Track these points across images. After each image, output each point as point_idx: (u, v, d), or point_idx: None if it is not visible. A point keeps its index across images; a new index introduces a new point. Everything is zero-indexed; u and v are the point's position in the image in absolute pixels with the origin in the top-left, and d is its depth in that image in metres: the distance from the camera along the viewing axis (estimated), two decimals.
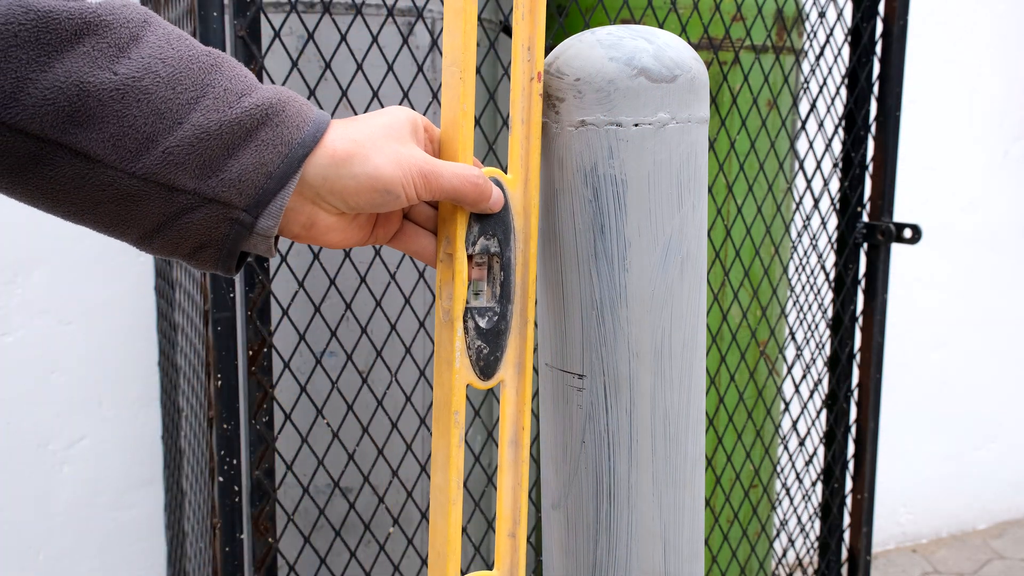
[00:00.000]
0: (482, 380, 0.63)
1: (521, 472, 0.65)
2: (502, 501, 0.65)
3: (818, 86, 1.53)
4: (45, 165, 0.53)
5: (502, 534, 0.65)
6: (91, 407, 1.94)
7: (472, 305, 0.62)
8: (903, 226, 1.53)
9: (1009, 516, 2.99)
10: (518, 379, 0.65)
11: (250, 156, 0.56)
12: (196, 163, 0.55)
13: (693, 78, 0.63)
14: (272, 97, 0.57)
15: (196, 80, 0.55)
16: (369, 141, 0.58)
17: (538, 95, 0.63)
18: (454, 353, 0.62)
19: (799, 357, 1.60)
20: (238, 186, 0.56)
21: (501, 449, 0.65)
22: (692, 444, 0.67)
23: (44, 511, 1.92)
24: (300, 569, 1.30)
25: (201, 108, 0.54)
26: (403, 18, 1.27)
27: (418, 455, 1.34)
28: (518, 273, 0.64)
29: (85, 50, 0.52)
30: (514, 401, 0.65)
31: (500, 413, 0.65)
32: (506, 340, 0.64)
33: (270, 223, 0.57)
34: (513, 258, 0.63)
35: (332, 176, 0.58)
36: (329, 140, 0.58)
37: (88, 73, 0.52)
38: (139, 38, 0.54)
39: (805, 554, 1.72)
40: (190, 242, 0.57)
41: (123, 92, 0.52)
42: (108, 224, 0.56)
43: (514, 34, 0.62)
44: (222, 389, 1.11)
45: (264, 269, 1.11)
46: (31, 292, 1.86)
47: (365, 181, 0.58)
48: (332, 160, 0.57)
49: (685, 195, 0.64)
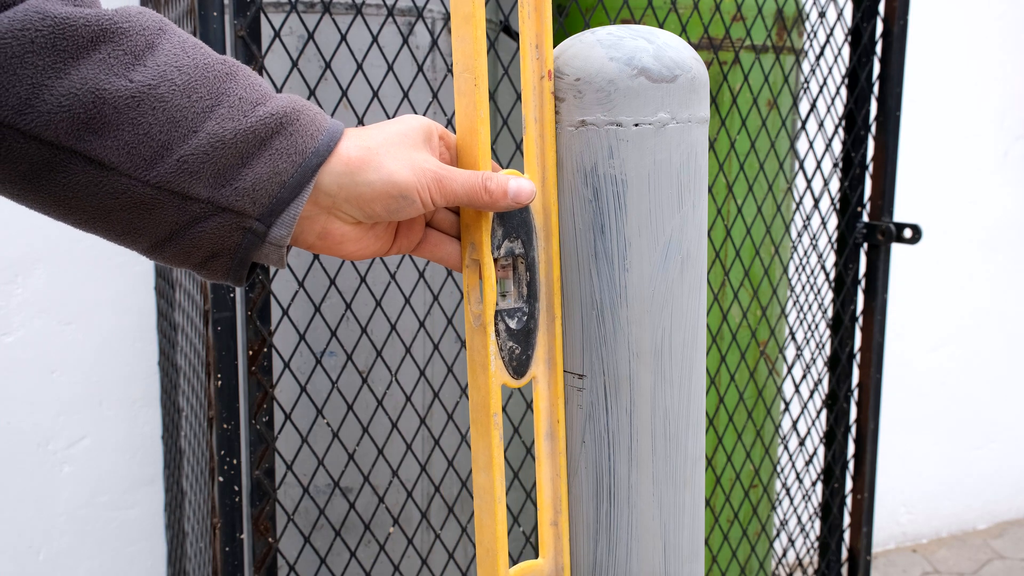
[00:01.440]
0: (515, 379, 0.64)
1: (559, 463, 0.66)
2: (542, 492, 0.66)
3: (818, 86, 1.53)
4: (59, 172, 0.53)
5: (544, 523, 0.67)
6: (91, 407, 1.94)
7: (501, 307, 0.63)
8: (903, 226, 1.53)
9: (1009, 516, 2.99)
10: (549, 374, 0.66)
11: (264, 165, 0.56)
12: (210, 172, 0.55)
13: (693, 78, 0.63)
14: (287, 106, 0.57)
15: (211, 88, 0.55)
16: (383, 148, 0.58)
17: (550, 93, 0.63)
18: (488, 357, 0.63)
19: (799, 357, 1.60)
20: (252, 195, 0.56)
21: (538, 442, 0.66)
22: (692, 444, 0.67)
23: (44, 511, 1.92)
24: (300, 569, 1.30)
25: (216, 117, 0.54)
26: (403, 18, 1.27)
27: (418, 455, 1.34)
28: (542, 271, 0.65)
29: (101, 57, 0.52)
30: (547, 396, 0.66)
31: (535, 408, 0.66)
32: (536, 338, 0.65)
33: (283, 232, 0.57)
34: (537, 257, 0.64)
35: (348, 184, 0.58)
36: (343, 148, 0.58)
37: (104, 80, 0.51)
38: (155, 46, 0.54)
39: (805, 554, 1.72)
40: (202, 251, 0.57)
41: (139, 100, 0.52)
42: (120, 232, 0.56)
43: (521, 33, 0.62)
44: (222, 389, 1.11)
45: (264, 269, 1.11)
46: (31, 292, 1.86)
47: (380, 187, 0.58)
48: (347, 168, 0.57)
49: (685, 195, 0.64)
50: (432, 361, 1.34)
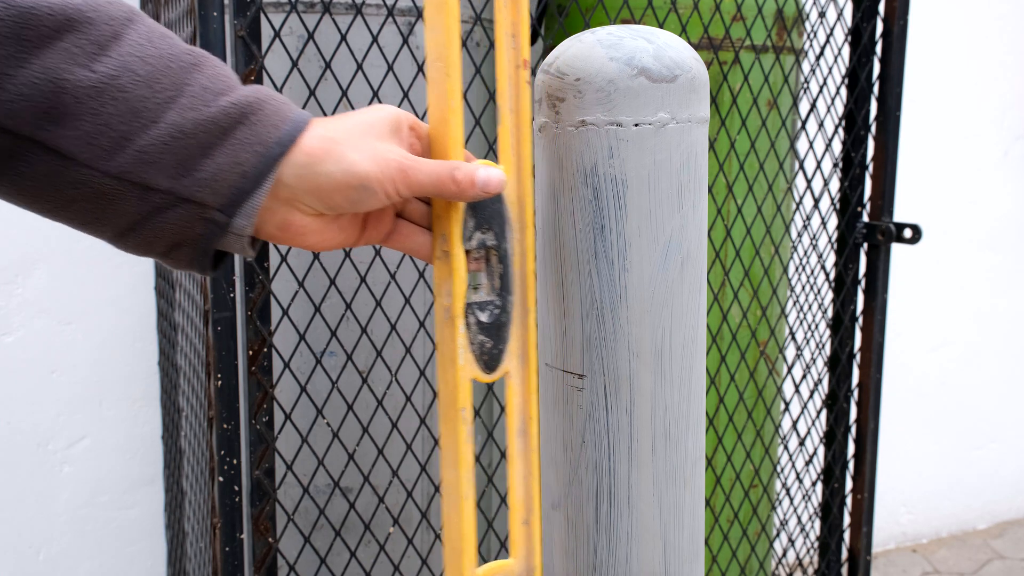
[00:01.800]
0: (487, 374, 0.63)
1: (531, 461, 0.65)
2: (513, 490, 0.65)
3: (818, 86, 1.53)
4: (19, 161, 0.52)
5: (516, 523, 0.65)
6: (91, 407, 1.94)
7: (472, 300, 0.62)
8: (903, 226, 1.53)
9: (1009, 516, 2.99)
10: (522, 369, 0.64)
11: (225, 155, 0.55)
12: (171, 162, 0.54)
13: (693, 78, 0.63)
14: (250, 96, 0.56)
15: (175, 79, 0.54)
16: (345, 138, 0.58)
17: (526, 83, 0.62)
18: (456, 350, 0.61)
19: (799, 357, 1.60)
20: (212, 185, 0.55)
21: (509, 439, 0.65)
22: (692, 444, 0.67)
23: (44, 511, 1.92)
24: (300, 569, 1.30)
25: (177, 107, 0.54)
26: (403, 18, 1.27)
27: (418, 455, 1.34)
28: (516, 263, 0.63)
29: (65, 46, 0.51)
30: (520, 391, 0.64)
31: (506, 404, 0.65)
32: (508, 332, 0.63)
33: (244, 222, 0.57)
34: (510, 249, 0.63)
35: (307, 175, 0.57)
36: (306, 139, 0.57)
37: (66, 70, 0.51)
38: (120, 36, 0.53)
39: (805, 554, 1.72)
40: (164, 241, 0.57)
41: (100, 90, 0.52)
42: (84, 222, 0.56)
43: (496, 22, 0.61)
44: (222, 389, 1.11)
45: (264, 269, 1.11)
46: (31, 292, 1.86)
47: (340, 178, 0.57)
48: (308, 159, 0.57)
49: (685, 195, 0.64)
50: (432, 361, 1.34)
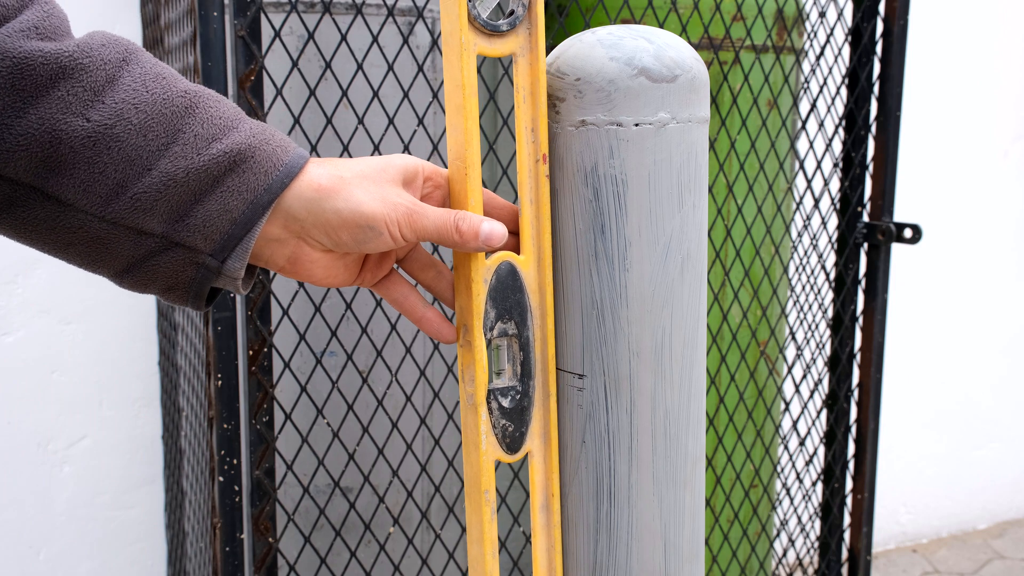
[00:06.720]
0: (509, 454, 0.65)
1: (554, 536, 0.68)
2: (537, 563, 0.68)
3: (818, 86, 1.53)
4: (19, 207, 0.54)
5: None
6: (91, 407, 1.94)
7: (495, 386, 0.64)
8: (903, 226, 1.53)
9: (1009, 516, 2.99)
10: (545, 448, 0.67)
11: (215, 203, 0.56)
12: (164, 208, 0.56)
13: (694, 78, 0.63)
14: (242, 143, 0.57)
15: (168, 126, 0.55)
16: (355, 179, 0.59)
17: (544, 176, 0.64)
18: (480, 436, 0.64)
19: (799, 357, 1.60)
20: (203, 231, 0.57)
21: (533, 514, 0.68)
22: (692, 443, 0.67)
23: (44, 511, 1.92)
24: (300, 569, 1.30)
25: (170, 155, 0.55)
26: (403, 18, 1.27)
27: (418, 455, 1.35)
28: (537, 349, 0.65)
29: (60, 95, 0.52)
30: (542, 470, 0.67)
31: (530, 481, 0.67)
32: (530, 415, 0.66)
33: (237, 265, 0.58)
34: (531, 336, 0.65)
35: (316, 209, 0.58)
36: (316, 175, 0.58)
37: (61, 120, 0.52)
38: (115, 80, 0.54)
39: (805, 554, 1.72)
40: (160, 282, 0.58)
41: (95, 140, 0.53)
42: (83, 262, 0.58)
43: (516, 117, 0.63)
44: (222, 389, 1.11)
45: (264, 269, 1.11)
46: (31, 292, 1.86)
47: (347, 216, 0.58)
48: (316, 194, 0.58)
49: (685, 195, 0.64)
50: (432, 361, 1.34)
